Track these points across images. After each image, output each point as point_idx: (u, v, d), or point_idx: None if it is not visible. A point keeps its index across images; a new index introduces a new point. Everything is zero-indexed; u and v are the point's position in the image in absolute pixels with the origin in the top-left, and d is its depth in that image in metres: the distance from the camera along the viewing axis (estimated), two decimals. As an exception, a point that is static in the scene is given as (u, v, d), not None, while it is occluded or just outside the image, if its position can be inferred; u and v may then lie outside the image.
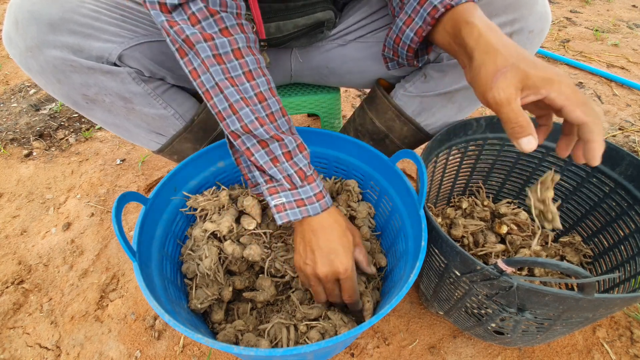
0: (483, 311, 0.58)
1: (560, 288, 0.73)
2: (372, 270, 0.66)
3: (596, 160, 0.43)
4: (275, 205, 0.59)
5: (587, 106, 0.42)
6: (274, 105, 0.58)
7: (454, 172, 0.86)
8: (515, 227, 0.82)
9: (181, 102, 0.73)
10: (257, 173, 0.61)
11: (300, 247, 0.62)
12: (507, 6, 0.60)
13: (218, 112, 0.57)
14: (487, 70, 0.44)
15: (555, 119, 0.50)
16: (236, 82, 0.55)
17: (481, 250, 0.78)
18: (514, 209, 0.86)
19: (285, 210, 0.58)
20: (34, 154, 1.24)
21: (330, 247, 0.58)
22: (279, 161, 0.58)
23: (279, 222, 0.58)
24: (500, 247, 0.77)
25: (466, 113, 0.75)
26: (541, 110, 0.48)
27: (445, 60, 0.66)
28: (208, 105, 0.58)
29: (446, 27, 0.53)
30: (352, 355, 0.73)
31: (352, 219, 0.78)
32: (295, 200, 0.58)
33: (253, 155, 0.58)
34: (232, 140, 0.59)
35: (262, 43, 0.74)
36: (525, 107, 0.45)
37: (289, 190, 0.58)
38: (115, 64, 0.62)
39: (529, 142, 0.43)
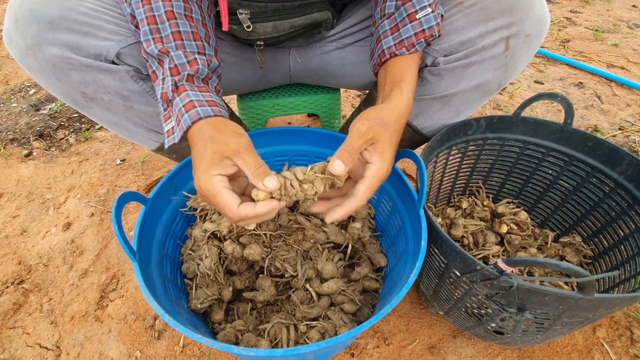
0: (483, 311, 0.58)
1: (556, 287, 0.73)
2: (267, 186, 0.46)
3: (329, 219, 0.49)
4: (166, 131, 0.55)
5: (367, 196, 0.49)
6: (183, 26, 0.56)
7: (454, 172, 0.86)
8: (515, 227, 0.82)
9: None
10: (158, 104, 0.57)
11: None
12: (503, 10, 0.60)
13: (140, 37, 0.57)
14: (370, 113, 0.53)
15: (557, 117, 0.50)
16: (150, 1, 0.55)
17: (479, 252, 0.78)
18: (513, 208, 0.86)
19: (173, 134, 0.53)
20: (34, 154, 1.24)
21: (194, 163, 0.49)
22: (166, 78, 0.54)
23: (166, 146, 0.54)
24: (496, 248, 0.77)
25: (463, 116, 0.75)
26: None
27: (442, 64, 0.66)
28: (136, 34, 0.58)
29: (387, 76, 0.62)
30: (352, 355, 0.73)
31: (351, 218, 0.78)
32: (176, 119, 0.53)
33: (157, 78, 0.56)
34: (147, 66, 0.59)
35: (258, 43, 0.74)
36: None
37: (170, 107, 0.54)
38: (113, 62, 0.62)
39: (339, 167, 0.47)
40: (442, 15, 0.62)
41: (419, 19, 0.60)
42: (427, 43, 0.61)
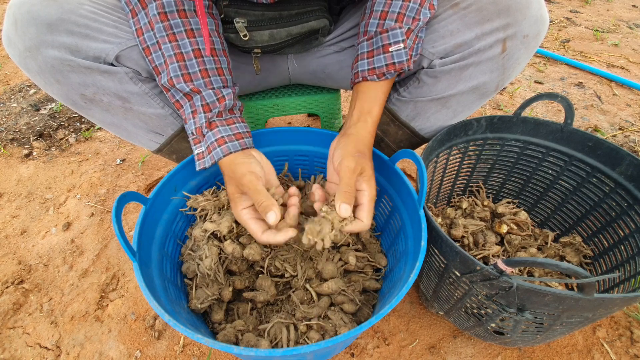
0: (483, 311, 0.58)
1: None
2: (269, 220, 0.55)
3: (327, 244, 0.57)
4: (197, 154, 0.64)
5: (369, 217, 0.58)
6: (209, 63, 0.63)
7: (454, 172, 0.86)
8: (515, 227, 0.82)
9: None
10: (188, 132, 0.66)
11: None
12: (499, 11, 0.59)
13: (155, 67, 0.62)
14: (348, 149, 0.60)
15: (557, 117, 0.50)
16: (177, 37, 0.60)
17: (479, 252, 0.78)
18: (513, 208, 0.86)
19: (203, 158, 0.64)
20: (34, 154, 1.24)
21: (228, 192, 0.62)
22: (197, 113, 0.63)
23: (197, 169, 0.64)
24: (496, 248, 0.77)
25: (461, 118, 0.75)
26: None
27: (438, 66, 0.66)
28: (146, 61, 0.63)
29: (354, 97, 0.67)
30: (352, 355, 0.73)
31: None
32: (206, 148, 0.63)
33: (182, 107, 0.64)
34: (165, 92, 0.65)
35: (255, 50, 0.74)
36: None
37: (202, 138, 0.64)
38: (112, 64, 0.62)
39: (347, 210, 0.54)
40: (417, 53, 0.66)
41: (392, 51, 0.63)
42: (398, 74, 0.66)
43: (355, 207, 0.57)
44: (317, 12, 0.72)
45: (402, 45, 0.62)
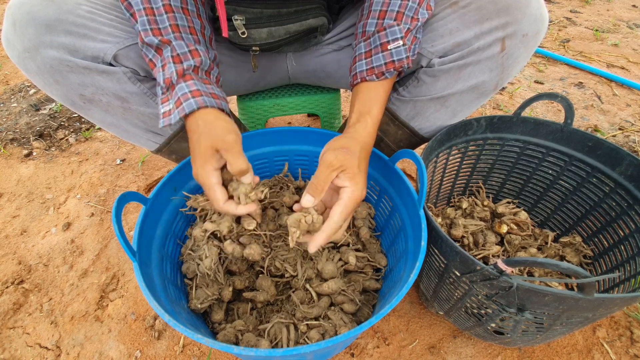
0: (483, 311, 0.58)
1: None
2: (243, 181, 0.57)
3: (313, 248, 0.53)
4: (163, 112, 0.58)
5: (343, 221, 0.55)
6: (181, 19, 0.60)
7: (454, 172, 0.86)
8: (515, 227, 0.82)
9: None
10: (157, 88, 0.60)
11: None
12: (498, 10, 0.59)
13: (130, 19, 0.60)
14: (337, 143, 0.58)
15: (557, 117, 0.50)
16: None
17: (479, 252, 0.78)
18: (513, 208, 0.86)
19: (170, 115, 0.57)
20: (34, 154, 1.24)
21: (191, 152, 0.58)
22: (166, 65, 0.58)
23: (160, 126, 0.59)
24: (496, 248, 0.77)
25: (460, 117, 0.74)
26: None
27: (437, 65, 0.66)
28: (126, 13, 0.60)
29: (353, 98, 0.65)
30: (352, 355, 0.73)
31: (352, 218, 0.78)
32: (175, 102, 0.57)
33: (155, 65, 0.60)
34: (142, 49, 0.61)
35: (254, 48, 0.74)
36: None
37: (171, 90, 0.58)
38: (110, 64, 0.62)
39: (309, 201, 0.54)
40: (415, 53, 0.65)
41: (390, 49, 0.62)
42: (398, 72, 0.64)
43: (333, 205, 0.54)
44: (316, 10, 0.72)
45: (401, 42, 0.61)
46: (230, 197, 0.59)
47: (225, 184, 0.59)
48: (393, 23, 0.62)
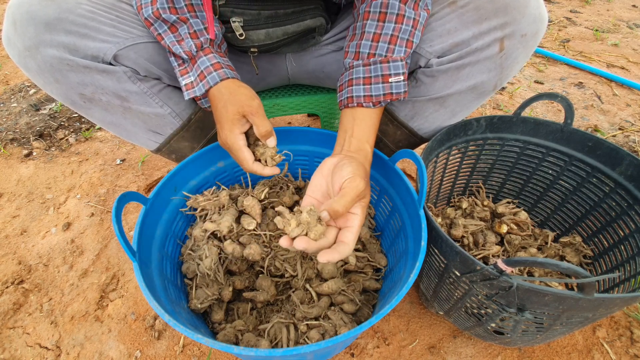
0: (483, 311, 0.58)
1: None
2: (269, 144, 0.63)
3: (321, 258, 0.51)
4: (185, 85, 0.64)
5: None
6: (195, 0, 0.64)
7: (454, 172, 0.86)
8: (515, 227, 0.82)
9: (177, 101, 0.73)
10: (172, 59, 0.65)
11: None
12: (497, 9, 0.58)
13: (138, 3, 0.63)
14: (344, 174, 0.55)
15: (557, 117, 0.50)
16: None
17: (479, 252, 0.78)
18: (513, 208, 0.86)
19: (194, 88, 0.63)
20: (34, 154, 1.24)
21: (217, 119, 0.63)
22: (184, 40, 0.63)
23: (186, 98, 0.65)
24: (496, 248, 0.77)
25: (460, 117, 0.74)
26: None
27: (435, 65, 0.65)
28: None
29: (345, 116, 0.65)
30: (352, 355, 0.73)
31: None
32: (198, 75, 0.63)
33: (163, 39, 0.64)
34: (147, 27, 0.65)
35: (252, 49, 0.74)
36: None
37: (191, 64, 0.64)
38: (110, 64, 0.62)
39: (326, 217, 0.51)
40: (413, 78, 0.68)
41: (391, 82, 0.62)
42: (392, 101, 0.66)
43: (342, 230, 0.53)
44: (313, 10, 0.72)
45: (402, 77, 0.62)
46: (257, 161, 0.64)
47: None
48: (397, 57, 0.62)
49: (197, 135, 0.79)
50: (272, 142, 0.62)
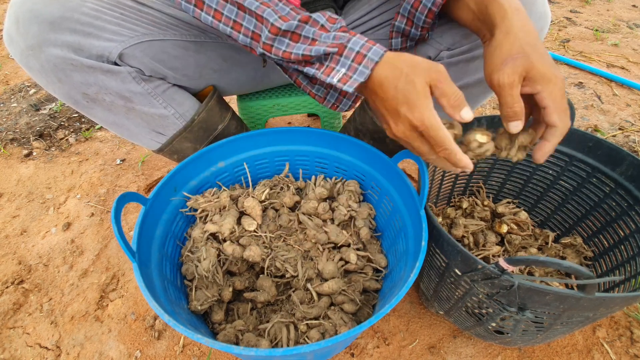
0: (483, 310, 0.58)
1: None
2: (463, 117, 0.49)
3: (541, 158, 0.49)
4: (339, 80, 0.51)
5: (565, 114, 0.47)
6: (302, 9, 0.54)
7: (454, 172, 0.86)
8: (515, 227, 0.82)
9: (181, 101, 0.73)
10: (310, 70, 0.54)
11: (377, 113, 0.54)
12: None
13: (247, 31, 0.54)
14: (501, 53, 0.47)
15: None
16: None
17: (480, 252, 0.78)
18: (513, 208, 0.86)
19: (351, 77, 0.50)
20: (34, 154, 1.24)
21: (397, 102, 0.49)
22: (317, 39, 0.52)
23: (351, 90, 0.51)
24: (497, 248, 0.77)
25: None
26: (526, 100, 0.50)
27: (445, 58, 0.66)
28: (231, 33, 0.55)
29: (470, 3, 0.55)
30: (352, 355, 0.73)
31: (352, 219, 0.78)
32: (353, 60, 0.50)
33: (292, 54, 0.53)
34: (268, 54, 0.54)
35: None
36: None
37: (340, 54, 0.51)
38: (115, 63, 0.62)
39: (517, 126, 0.48)
40: None
41: None
42: None
43: (540, 112, 0.48)
44: (323, 1, 0.72)
45: None
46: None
47: None
48: None
49: (200, 136, 0.79)
50: (467, 113, 0.47)
